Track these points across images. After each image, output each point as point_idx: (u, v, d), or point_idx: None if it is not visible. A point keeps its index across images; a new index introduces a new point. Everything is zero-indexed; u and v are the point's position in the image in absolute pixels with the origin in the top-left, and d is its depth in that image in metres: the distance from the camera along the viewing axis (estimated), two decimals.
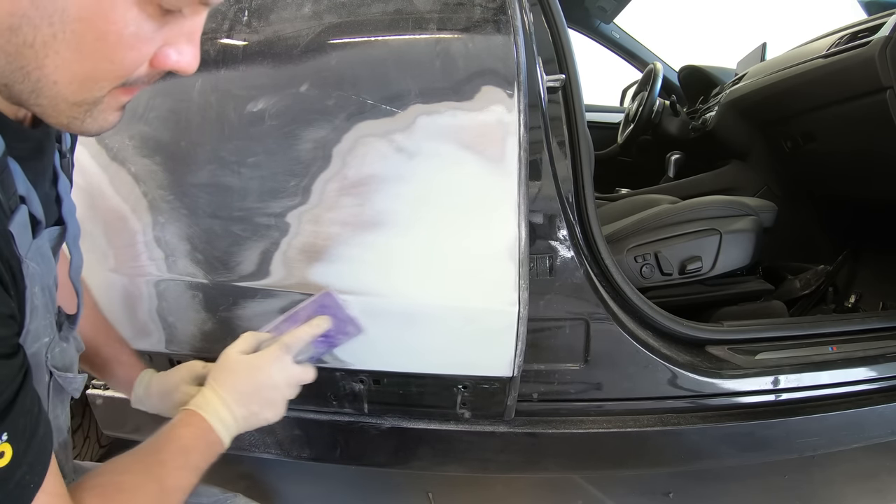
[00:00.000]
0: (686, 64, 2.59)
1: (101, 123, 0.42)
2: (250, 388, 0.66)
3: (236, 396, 0.65)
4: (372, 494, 1.40)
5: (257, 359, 0.68)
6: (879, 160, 1.52)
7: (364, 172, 0.84)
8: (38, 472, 0.41)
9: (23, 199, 0.44)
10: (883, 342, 1.21)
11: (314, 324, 0.73)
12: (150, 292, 0.95)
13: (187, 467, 0.58)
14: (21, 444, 0.39)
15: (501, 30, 0.82)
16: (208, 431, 0.62)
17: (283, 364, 0.69)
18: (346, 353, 0.93)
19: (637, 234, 1.38)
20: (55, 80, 0.38)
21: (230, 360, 0.68)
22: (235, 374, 0.66)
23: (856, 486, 1.40)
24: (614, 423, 1.09)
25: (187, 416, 0.62)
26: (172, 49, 0.41)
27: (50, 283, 0.50)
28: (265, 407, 0.67)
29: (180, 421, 0.61)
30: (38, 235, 0.47)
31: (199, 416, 0.62)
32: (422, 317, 0.91)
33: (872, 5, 1.80)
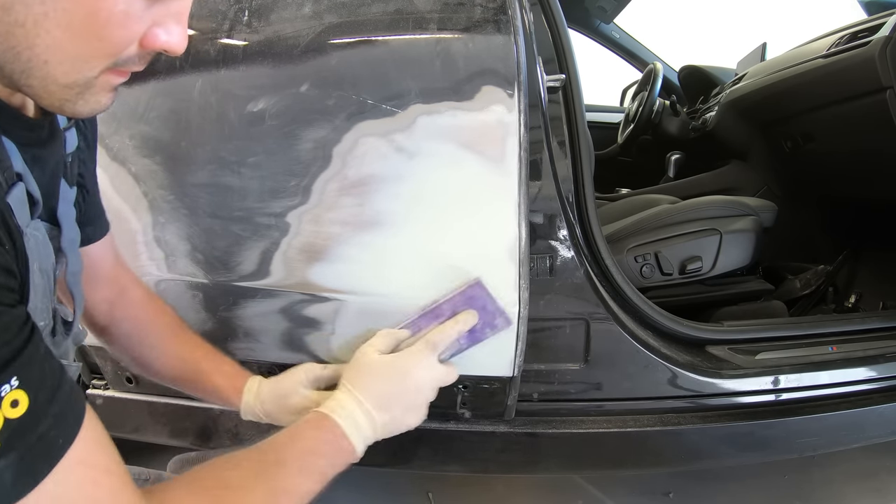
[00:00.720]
0: (686, 64, 2.60)
1: (94, 105, 0.43)
2: (393, 391, 0.62)
3: (377, 401, 0.61)
4: (372, 494, 1.40)
5: (400, 359, 0.64)
6: (879, 160, 1.52)
7: (364, 172, 0.84)
8: (68, 429, 0.38)
9: (20, 176, 0.44)
10: (883, 342, 1.21)
11: (461, 319, 0.69)
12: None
13: (309, 472, 0.54)
14: (40, 393, 0.36)
15: (501, 30, 0.82)
16: (340, 437, 0.58)
17: (429, 364, 0.65)
18: (347, 353, 0.93)
19: (637, 234, 1.38)
20: (46, 60, 0.38)
21: (369, 361, 0.63)
22: (376, 376, 0.62)
23: (856, 485, 1.40)
24: (614, 423, 1.09)
25: (317, 418, 0.58)
26: (161, 29, 0.41)
27: (48, 269, 0.49)
28: (408, 412, 0.63)
29: (308, 422, 0.58)
30: (35, 218, 0.47)
31: (331, 421, 0.58)
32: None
33: (872, 5, 1.80)
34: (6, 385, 0.34)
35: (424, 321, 0.71)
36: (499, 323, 0.72)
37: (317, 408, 0.60)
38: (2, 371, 0.34)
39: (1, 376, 0.34)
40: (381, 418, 0.61)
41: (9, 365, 0.35)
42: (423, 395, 0.64)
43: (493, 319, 0.72)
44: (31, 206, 0.46)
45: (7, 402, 0.34)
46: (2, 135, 0.43)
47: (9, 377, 0.35)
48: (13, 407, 0.34)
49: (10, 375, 0.35)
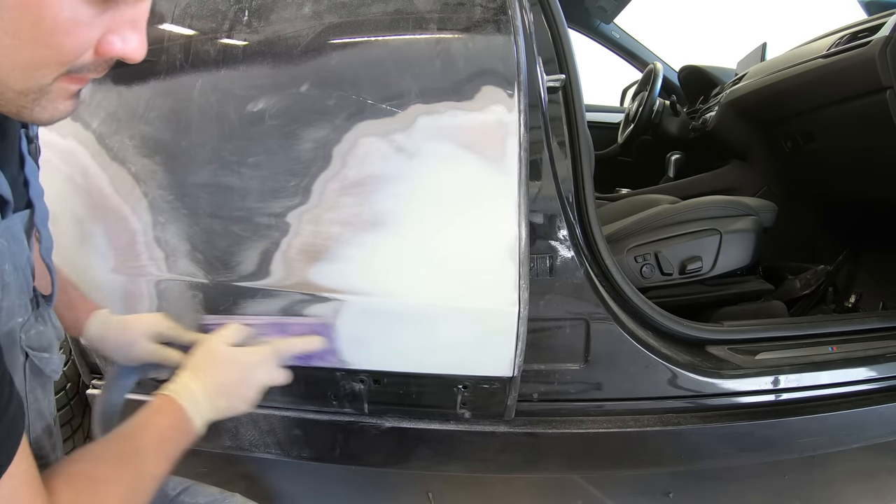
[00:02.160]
0: (686, 64, 2.59)
1: (52, 112, 0.42)
2: (234, 381, 0.67)
3: (219, 388, 0.65)
4: (372, 494, 1.40)
5: (247, 355, 0.68)
6: (879, 160, 1.52)
7: (364, 172, 0.84)
8: (6, 453, 0.40)
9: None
10: (883, 342, 1.21)
11: (309, 342, 0.75)
12: (151, 292, 0.95)
13: (163, 456, 0.58)
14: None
15: (501, 30, 0.82)
16: (186, 421, 0.62)
17: (270, 367, 0.70)
18: (347, 353, 0.93)
19: (637, 234, 1.38)
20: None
21: (217, 351, 0.68)
22: (222, 367, 0.67)
23: (856, 485, 1.40)
24: (614, 423, 1.09)
25: (165, 403, 0.62)
26: (116, 36, 0.41)
27: (23, 264, 0.49)
28: (242, 402, 0.68)
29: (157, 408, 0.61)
30: (7, 216, 0.47)
31: (178, 406, 0.62)
32: (422, 317, 0.91)
33: (872, 5, 1.80)
34: None
35: (271, 329, 0.78)
36: (329, 359, 0.83)
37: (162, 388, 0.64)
38: None
39: None
40: (218, 402, 0.65)
41: None
42: (257, 391, 0.69)
43: (327, 355, 0.82)
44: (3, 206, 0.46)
45: None
46: None
47: None
48: None
49: None
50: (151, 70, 0.86)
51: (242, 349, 0.69)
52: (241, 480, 1.41)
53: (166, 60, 0.86)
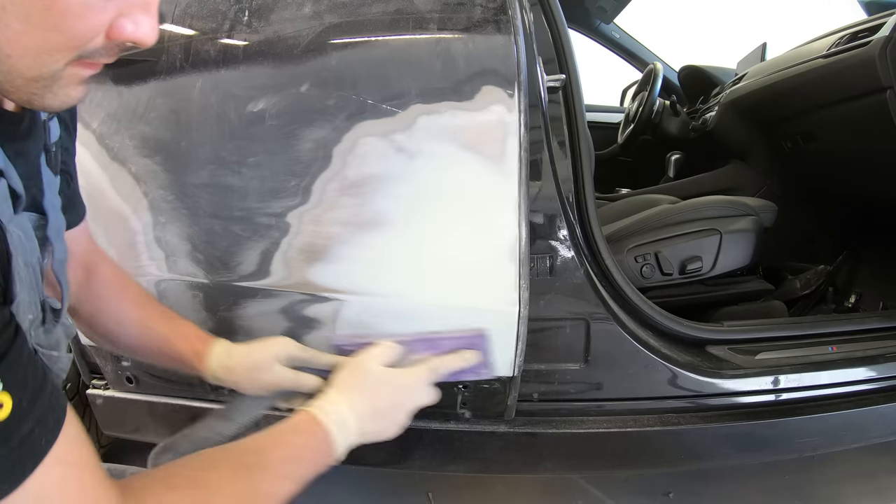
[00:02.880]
0: (686, 64, 2.60)
1: (64, 98, 0.42)
2: (389, 405, 0.63)
3: (371, 411, 0.61)
4: (372, 494, 1.40)
5: (405, 377, 0.65)
6: (880, 160, 1.52)
7: (364, 172, 0.84)
8: (51, 429, 0.39)
9: (1, 172, 0.44)
10: (883, 342, 1.21)
11: (466, 357, 0.72)
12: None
13: (291, 477, 0.54)
14: (24, 396, 0.37)
15: (501, 30, 0.82)
16: (328, 443, 0.58)
17: (427, 388, 0.67)
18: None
19: (637, 234, 1.38)
20: (8, 54, 0.37)
21: (370, 370, 0.64)
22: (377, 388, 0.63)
23: (856, 486, 1.40)
24: (614, 423, 1.09)
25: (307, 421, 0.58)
26: (128, 20, 0.40)
27: (34, 262, 0.49)
28: (394, 425, 0.64)
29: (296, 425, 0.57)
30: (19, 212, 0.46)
31: (322, 427, 0.58)
32: (422, 317, 0.91)
33: (872, 5, 1.80)
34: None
35: (421, 346, 0.73)
36: (483, 372, 0.78)
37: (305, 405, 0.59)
38: None
39: None
40: (369, 426, 0.62)
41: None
42: (409, 413, 0.65)
43: (481, 368, 0.77)
44: (14, 200, 0.46)
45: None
46: None
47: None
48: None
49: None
50: (151, 70, 0.86)
51: (399, 371, 0.65)
52: None
53: (166, 60, 0.86)
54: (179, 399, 1.09)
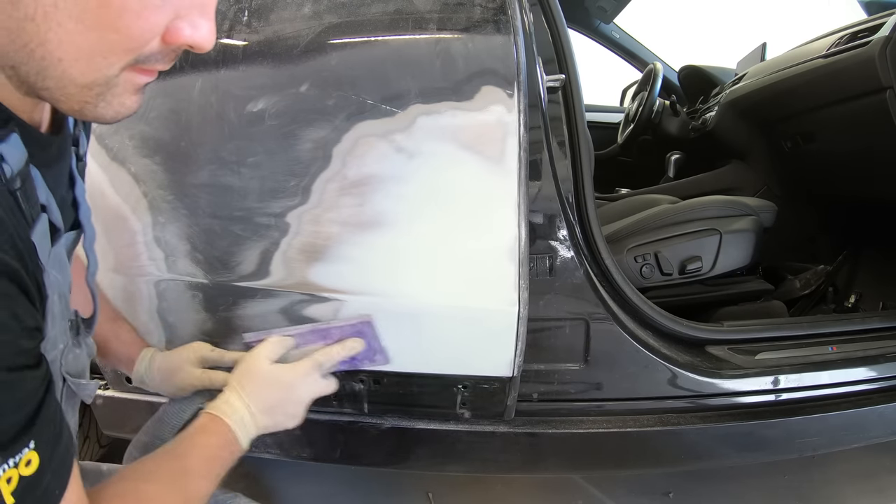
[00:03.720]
0: (686, 64, 2.59)
1: (118, 108, 0.40)
2: (278, 401, 0.66)
3: (263, 407, 0.65)
4: (372, 494, 1.40)
5: (289, 373, 0.68)
6: (879, 160, 1.52)
7: (364, 172, 0.84)
8: (62, 479, 0.41)
9: (43, 207, 0.43)
10: (883, 342, 1.21)
11: (348, 346, 0.74)
12: (151, 292, 0.95)
13: (210, 476, 0.58)
14: (46, 451, 0.39)
15: (501, 30, 0.82)
16: (233, 441, 0.62)
17: (313, 380, 0.70)
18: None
19: (637, 234, 1.38)
20: (60, 58, 0.36)
21: (260, 370, 0.67)
22: (265, 386, 0.66)
23: (856, 485, 1.40)
24: (614, 423, 1.09)
25: (212, 423, 0.62)
26: (185, 22, 0.39)
27: (65, 291, 0.49)
28: (288, 417, 0.68)
29: (204, 428, 0.61)
30: (57, 243, 0.46)
31: (225, 426, 0.62)
32: (422, 317, 0.91)
33: (872, 5, 1.80)
34: (25, 448, 0.37)
35: (312, 337, 0.76)
36: (378, 359, 0.79)
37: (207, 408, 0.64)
38: (23, 434, 0.37)
39: (22, 440, 0.37)
40: (263, 421, 0.65)
41: (29, 430, 0.37)
42: (303, 405, 0.69)
43: (374, 355, 0.79)
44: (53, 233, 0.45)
45: (23, 463, 0.37)
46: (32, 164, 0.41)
47: (28, 441, 0.37)
48: (27, 466, 0.37)
49: (29, 439, 0.37)
50: None
51: (283, 367, 0.69)
52: (241, 480, 1.41)
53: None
54: None
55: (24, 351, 0.38)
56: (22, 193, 0.40)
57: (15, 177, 0.39)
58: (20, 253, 0.38)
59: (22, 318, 0.37)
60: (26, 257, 0.39)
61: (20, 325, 0.37)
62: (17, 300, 0.37)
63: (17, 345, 0.37)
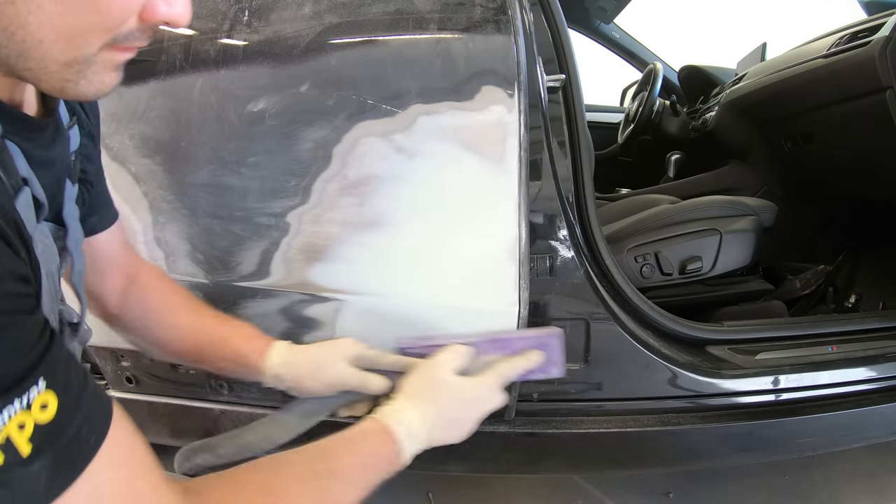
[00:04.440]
0: (686, 64, 2.60)
1: (98, 86, 0.41)
2: (460, 416, 0.62)
3: (441, 422, 0.61)
4: (372, 494, 1.40)
5: (474, 387, 0.64)
6: (880, 160, 1.52)
7: (364, 172, 0.84)
8: (97, 427, 0.38)
9: (25, 181, 0.43)
10: (883, 342, 1.21)
11: (531, 358, 0.69)
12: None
13: (359, 484, 0.54)
14: (68, 395, 0.36)
15: (501, 30, 0.82)
16: (395, 453, 0.57)
17: (496, 394, 0.65)
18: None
19: (637, 234, 1.38)
20: (40, 39, 0.36)
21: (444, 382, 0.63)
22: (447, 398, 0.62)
23: (856, 485, 1.40)
24: (614, 423, 1.09)
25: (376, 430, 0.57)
26: (161, 0, 0.40)
27: (53, 271, 0.48)
28: (461, 433, 0.63)
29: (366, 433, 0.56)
30: (40, 221, 0.46)
31: (391, 435, 0.57)
32: (422, 317, 0.91)
33: (872, 5, 1.80)
34: (34, 388, 0.34)
35: (491, 347, 0.71)
36: (553, 372, 0.74)
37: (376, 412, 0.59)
38: (29, 374, 0.34)
39: (28, 378, 0.34)
40: (438, 436, 0.61)
41: (35, 368, 0.35)
42: (479, 421, 0.65)
43: (550, 367, 0.73)
44: (37, 210, 0.45)
45: (37, 406, 0.34)
46: (6, 139, 0.42)
47: (35, 379, 0.34)
48: (42, 410, 0.34)
49: (36, 378, 0.34)
50: (151, 70, 0.86)
51: (470, 380, 0.64)
52: None
53: (166, 60, 0.86)
54: (179, 399, 1.09)
55: (13, 294, 0.35)
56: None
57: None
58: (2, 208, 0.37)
59: (5, 262, 0.35)
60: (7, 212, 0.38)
61: (4, 268, 0.35)
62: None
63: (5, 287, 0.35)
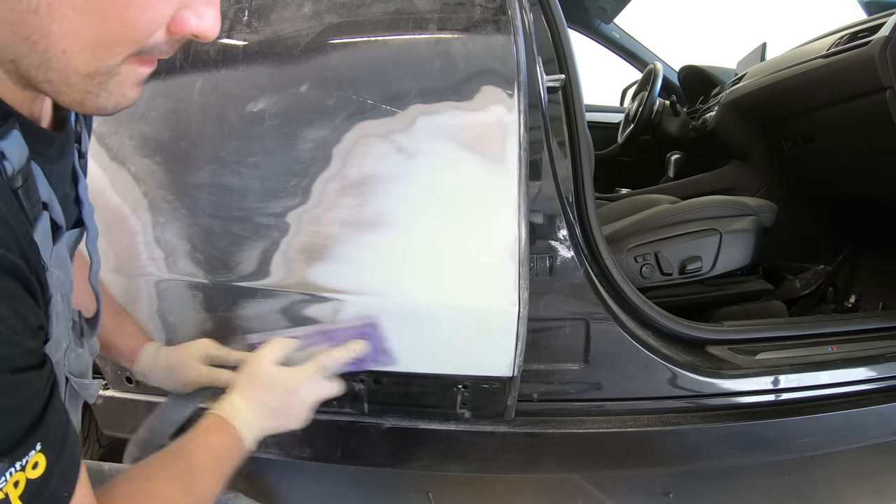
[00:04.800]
0: (686, 64, 2.59)
1: (119, 99, 0.40)
2: (282, 403, 0.66)
3: (267, 410, 0.65)
4: (372, 494, 1.40)
5: (292, 378, 0.68)
6: (879, 160, 1.52)
7: (364, 172, 0.84)
8: (70, 481, 0.41)
9: (45, 205, 0.43)
10: (883, 342, 1.21)
11: (352, 348, 0.73)
12: (151, 292, 0.95)
13: (217, 475, 0.58)
14: (53, 453, 0.38)
15: (501, 30, 0.82)
16: (238, 441, 0.62)
17: (317, 384, 0.69)
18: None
19: (637, 234, 1.38)
20: (63, 49, 0.35)
21: (263, 372, 0.67)
22: (268, 389, 0.66)
23: (856, 485, 1.40)
24: (614, 423, 1.09)
25: (217, 423, 0.62)
26: (190, 12, 0.38)
27: (67, 290, 0.49)
28: (292, 419, 0.68)
29: (209, 428, 0.61)
30: (59, 241, 0.45)
31: (231, 426, 0.62)
32: (422, 317, 0.91)
33: (872, 5, 1.80)
34: (32, 451, 0.36)
35: (316, 338, 0.76)
36: (382, 360, 0.79)
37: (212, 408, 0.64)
38: (29, 438, 0.36)
39: (28, 442, 0.36)
40: (268, 423, 0.65)
41: (34, 432, 0.37)
42: (308, 407, 0.69)
43: (379, 356, 0.78)
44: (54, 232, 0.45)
45: (30, 466, 0.36)
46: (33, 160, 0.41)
47: (34, 444, 0.36)
48: (34, 469, 0.36)
49: (35, 442, 0.36)
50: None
51: (286, 370, 0.68)
52: (241, 480, 1.41)
53: (166, 60, 0.85)
54: None
55: (29, 351, 0.37)
56: (23, 191, 0.40)
57: (16, 174, 0.39)
58: (24, 251, 0.38)
59: (26, 316, 0.37)
60: (29, 255, 0.38)
61: (25, 324, 0.37)
62: (21, 299, 0.37)
63: (23, 345, 0.36)
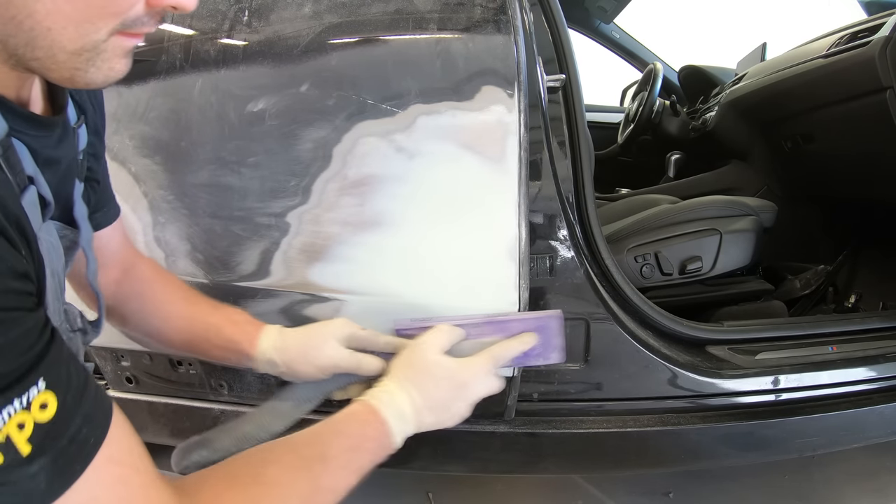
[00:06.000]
0: (686, 64, 2.60)
1: (107, 73, 0.41)
2: (448, 399, 0.61)
3: (430, 403, 0.59)
4: (372, 494, 1.40)
5: (464, 369, 0.62)
6: (880, 160, 1.52)
7: (364, 172, 0.84)
8: (99, 428, 0.38)
9: (31, 179, 0.43)
10: (883, 342, 1.21)
11: (525, 340, 0.67)
12: None
13: (352, 468, 0.53)
14: (68, 395, 0.36)
15: (501, 30, 0.82)
16: (385, 435, 0.56)
17: (488, 378, 0.63)
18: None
19: (637, 234, 1.38)
20: (48, 27, 0.36)
21: (431, 363, 0.61)
22: (436, 381, 0.60)
23: (856, 485, 1.40)
24: (614, 423, 1.09)
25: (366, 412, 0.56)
26: None
27: (59, 270, 0.48)
28: (453, 417, 0.62)
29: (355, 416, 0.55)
30: (47, 220, 0.46)
31: (380, 417, 0.56)
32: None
33: (872, 5, 1.80)
34: (34, 387, 0.34)
35: (487, 329, 0.69)
36: (552, 357, 0.72)
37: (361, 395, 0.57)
38: (28, 373, 0.34)
39: (28, 378, 0.34)
40: (427, 419, 0.60)
41: (35, 367, 0.34)
42: (472, 404, 0.63)
43: (550, 352, 0.72)
44: (43, 208, 0.45)
45: (36, 406, 0.34)
46: (13, 137, 0.41)
47: (35, 379, 0.34)
48: (42, 410, 0.34)
49: (36, 377, 0.34)
50: (151, 70, 0.86)
51: (459, 362, 0.62)
52: None
53: (166, 60, 0.86)
54: (179, 399, 1.09)
55: (13, 290, 0.35)
56: (4, 160, 0.40)
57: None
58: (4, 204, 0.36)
59: (6, 259, 0.35)
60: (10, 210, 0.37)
61: (5, 265, 0.35)
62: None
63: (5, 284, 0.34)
